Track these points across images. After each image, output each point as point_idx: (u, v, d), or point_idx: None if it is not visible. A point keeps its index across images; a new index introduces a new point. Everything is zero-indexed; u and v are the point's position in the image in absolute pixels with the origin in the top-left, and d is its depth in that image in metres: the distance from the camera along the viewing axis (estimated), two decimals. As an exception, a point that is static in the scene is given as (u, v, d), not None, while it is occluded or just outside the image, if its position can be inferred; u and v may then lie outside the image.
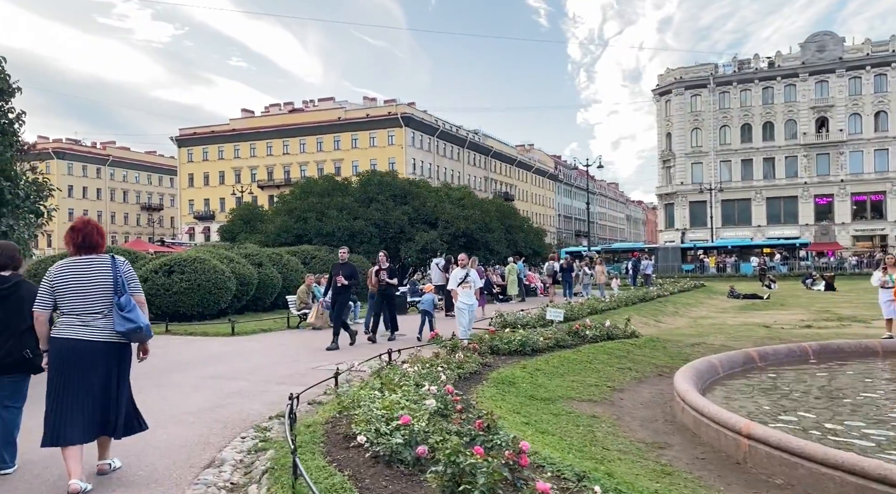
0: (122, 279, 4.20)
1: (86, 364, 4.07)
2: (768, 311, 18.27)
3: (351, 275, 11.66)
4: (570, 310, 13.67)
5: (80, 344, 4.07)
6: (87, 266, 4.19)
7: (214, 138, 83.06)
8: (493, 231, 24.56)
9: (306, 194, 25.21)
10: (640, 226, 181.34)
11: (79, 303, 4.12)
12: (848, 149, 67.50)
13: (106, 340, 4.13)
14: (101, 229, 4.40)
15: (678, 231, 73.62)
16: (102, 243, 4.37)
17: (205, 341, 12.65)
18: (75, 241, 4.25)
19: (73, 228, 4.29)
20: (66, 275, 4.15)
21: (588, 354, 8.73)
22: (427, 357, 7.25)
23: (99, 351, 4.11)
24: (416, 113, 78.07)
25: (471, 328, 10.65)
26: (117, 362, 4.22)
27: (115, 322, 4.11)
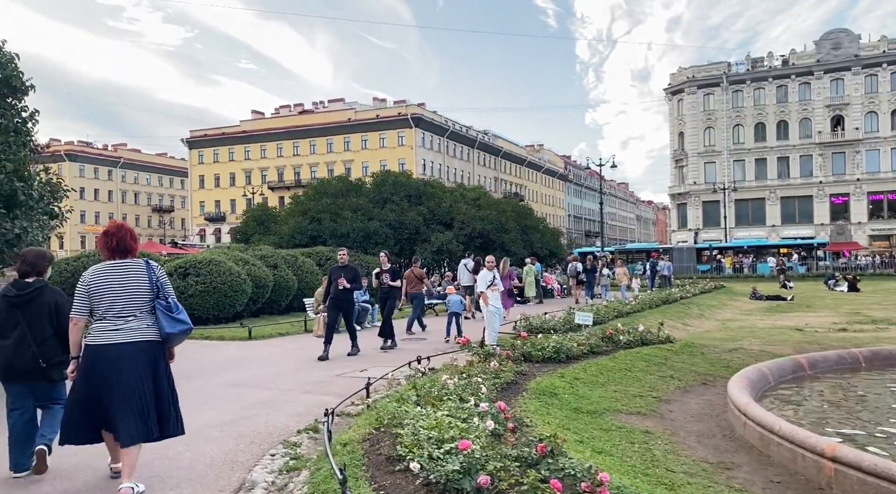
0: (158, 282, 4.26)
1: (116, 366, 4.08)
2: (795, 313, 17.76)
3: (353, 279, 10.89)
4: (597, 313, 13.23)
5: (112, 349, 4.10)
6: (123, 270, 4.23)
7: (225, 140, 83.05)
8: (509, 231, 24.15)
9: (320, 195, 24.89)
10: (650, 227, 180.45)
11: (113, 307, 4.14)
12: (864, 148, 66.61)
13: (136, 340, 4.15)
14: (133, 233, 4.43)
15: (691, 231, 72.91)
16: (135, 247, 4.39)
17: (221, 345, 12.32)
18: (109, 246, 4.29)
19: (107, 233, 4.33)
20: (102, 280, 4.18)
21: (625, 361, 8.31)
22: (461, 365, 6.85)
23: (130, 353, 4.12)
24: (426, 113, 77.75)
25: (497, 332, 10.27)
26: (152, 361, 4.21)
27: (165, 324, 4.17)
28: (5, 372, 4.53)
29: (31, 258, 4.65)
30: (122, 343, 4.09)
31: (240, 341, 12.93)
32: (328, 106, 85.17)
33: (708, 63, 75.37)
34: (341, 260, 11.15)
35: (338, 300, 10.64)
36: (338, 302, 10.66)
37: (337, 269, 10.95)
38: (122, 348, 4.09)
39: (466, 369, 6.65)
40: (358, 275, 11.55)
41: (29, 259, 4.64)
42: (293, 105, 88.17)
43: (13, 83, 9.19)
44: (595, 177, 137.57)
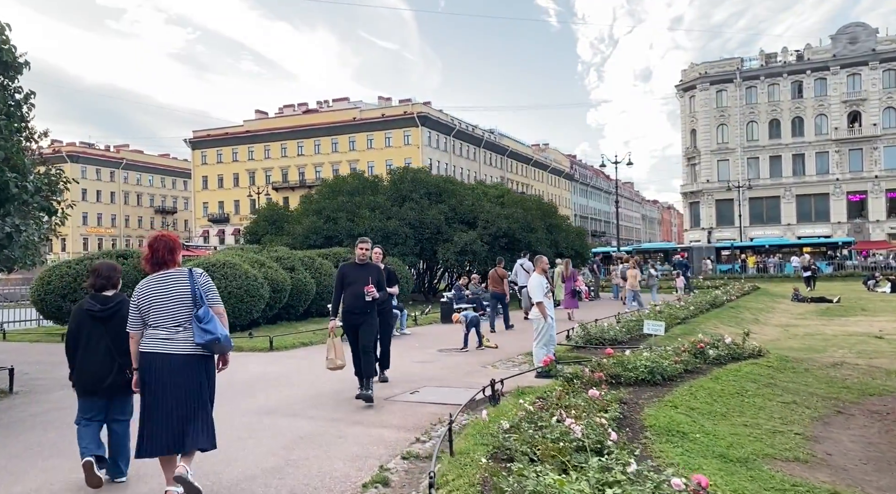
0: (199, 291, 4.26)
1: (168, 377, 4.17)
2: (856, 318, 16.40)
3: (386, 280, 7.89)
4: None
5: (163, 358, 4.18)
6: (166, 281, 4.28)
7: (228, 140, 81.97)
8: (535, 230, 22.79)
9: (335, 193, 23.54)
10: (655, 226, 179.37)
11: (161, 318, 4.22)
12: (882, 144, 65.19)
13: (187, 353, 4.21)
14: (170, 243, 4.39)
15: (704, 230, 71.57)
16: (172, 258, 4.37)
17: (241, 358, 11.00)
18: (149, 259, 4.36)
19: (149, 246, 4.38)
20: (147, 293, 4.27)
21: (731, 383, 6.99)
22: (534, 385, 5.50)
23: (180, 364, 4.19)
24: (432, 112, 76.57)
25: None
26: (200, 375, 4.28)
27: (195, 333, 4.19)
28: (94, 385, 4.66)
29: (105, 271, 4.80)
30: (174, 353, 4.19)
31: (260, 352, 11.60)
32: (332, 105, 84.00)
33: (720, 59, 73.96)
34: (361, 257, 7.35)
35: (362, 315, 7.22)
36: (362, 317, 7.21)
37: (354, 268, 7.41)
38: (176, 359, 4.18)
39: (562, 399, 5.33)
40: (393, 275, 9.51)
41: (104, 272, 4.79)
42: (297, 104, 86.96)
43: (3, 58, 7.90)
44: (601, 176, 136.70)
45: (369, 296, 7.10)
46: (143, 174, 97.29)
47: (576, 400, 5.18)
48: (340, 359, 7.36)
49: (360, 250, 7.47)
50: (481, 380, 8.59)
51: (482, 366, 9.89)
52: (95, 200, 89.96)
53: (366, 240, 7.65)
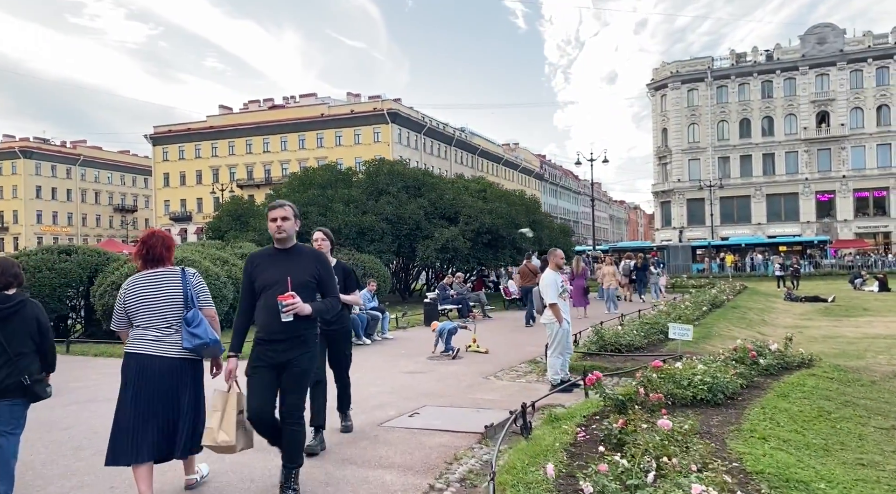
0: (191, 293, 4.04)
1: (155, 380, 3.92)
2: (865, 318, 15.46)
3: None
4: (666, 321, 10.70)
5: (150, 360, 3.94)
6: (156, 279, 4.05)
7: (191, 136, 79.42)
8: (520, 227, 21.52)
9: (305, 186, 21.91)
10: (622, 226, 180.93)
11: (149, 318, 4.00)
12: (850, 144, 65.75)
13: (177, 356, 3.98)
14: (167, 241, 4.18)
15: (676, 229, 71.47)
16: (169, 255, 4.15)
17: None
18: (142, 255, 4.12)
19: (141, 241, 4.16)
20: (136, 291, 4.04)
21: (803, 401, 5.72)
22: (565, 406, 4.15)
23: (169, 368, 3.95)
24: (403, 109, 75.18)
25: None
26: (189, 379, 4.03)
27: (183, 337, 3.97)
28: None
29: (7, 268, 4.24)
30: (161, 356, 3.95)
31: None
32: (300, 101, 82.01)
33: (691, 58, 73.99)
34: (277, 233, 4.20)
35: (286, 345, 4.09)
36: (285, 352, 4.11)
37: (272, 258, 4.36)
38: (163, 362, 3.94)
39: (625, 433, 3.99)
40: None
41: (8, 270, 4.25)
42: (263, 100, 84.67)
43: None
44: (570, 176, 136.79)
45: (287, 312, 3.85)
46: (101, 171, 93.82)
47: (648, 437, 3.84)
48: (227, 434, 3.99)
49: (273, 222, 4.09)
50: (488, 396, 7.24)
51: (483, 378, 8.54)
52: (51, 198, 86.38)
53: (283, 206, 4.15)
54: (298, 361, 4.06)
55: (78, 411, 6.90)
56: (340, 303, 4.13)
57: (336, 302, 4.18)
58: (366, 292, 13.20)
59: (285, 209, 4.12)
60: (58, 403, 7.06)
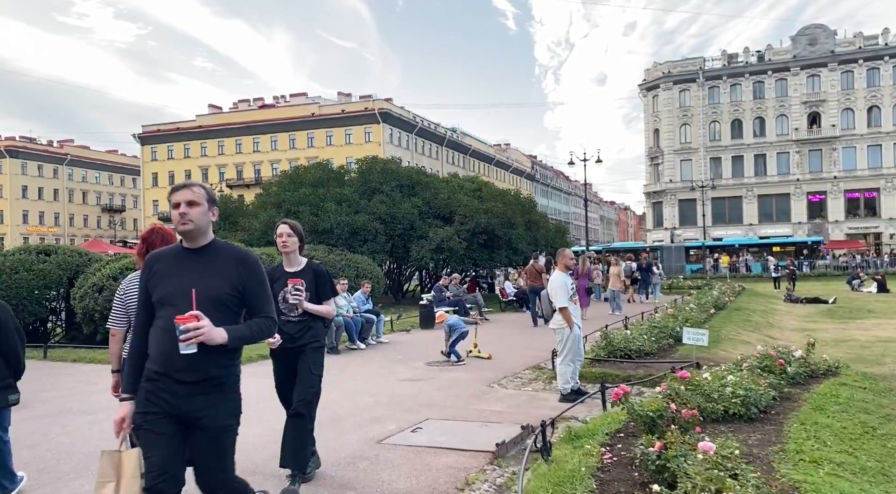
0: None
1: None
2: (873, 321, 15.02)
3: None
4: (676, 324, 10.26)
5: None
6: None
7: (180, 135, 78.52)
8: (516, 227, 21.03)
9: (296, 185, 21.32)
10: (612, 227, 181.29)
11: None
12: (841, 145, 65.74)
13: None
14: (167, 237, 3.92)
15: (667, 230, 71.26)
16: None
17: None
18: (142, 252, 3.84)
19: (142, 238, 3.97)
20: (136, 289, 3.54)
21: (842, 415, 5.23)
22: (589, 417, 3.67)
23: None
24: (394, 109, 74.65)
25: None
26: None
27: None
28: None
29: None
30: None
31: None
32: (290, 100, 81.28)
33: (683, 58, 73.87)
34: (180, 224, 2.86)
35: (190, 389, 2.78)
36: (189, 397, 2.75)
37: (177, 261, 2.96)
38: None
39: (664, 459, 3.50)
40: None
41: None
42: (253, 99, 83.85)
43: None
44: (561, 177, 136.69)
45: (186, 342, 2.63)
46: (88, 171, 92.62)
47: (693, 465, 3.34)
48: None
49: (176, 209, 2.88)
50: (494, 407, 6.74)
51: (486, 385, 8.04)
52: (37, 198, 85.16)
53: (189, 187, 2.96)
54: (211, 416, 2.73)
55: (48, 426, 6.35)
56: (275, 326, 2.92)
57: (269, 325, 2.88)
58: (360, 294, 12.70)
59: (193, 191, 2.89)
60: (27, 415, 6.50)
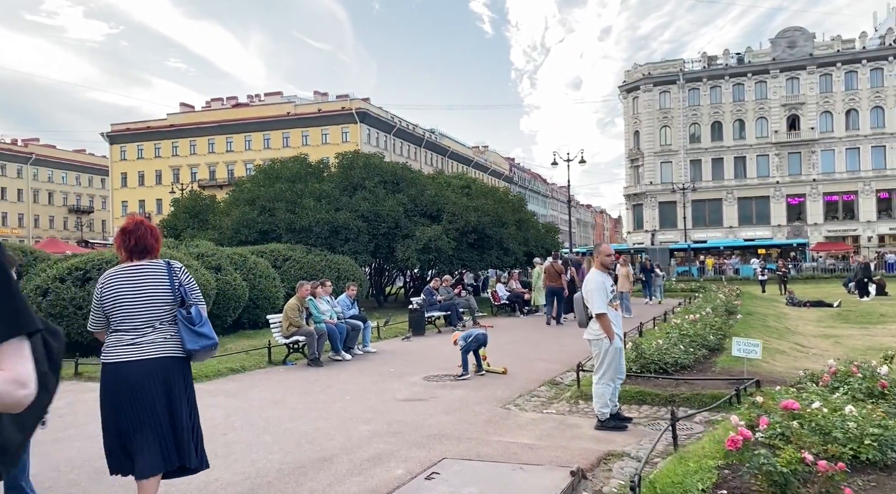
0: (183, 288, 3.61)
1: (137, 387, 3.43)
2: (886, 325, 14.12)
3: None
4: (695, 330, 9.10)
5: (128, 367, 3.46)
6: (138, 272, 3.58)
7: (150, 134, 76.29)
8: (506, 226, 19.81)
9: (272, 180, 19.84)
10: (589, 230, 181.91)
11: (127, 316, 3.51)
12: (819, 148, 65.78)
13: (157, 356, 3.50)
14: (155, 230, 3.77)
15: (648, 232, 70.81)
16: (157, 246, 3.73)
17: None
18: (127, 245, 3.64)
19: (125, 230, 3.70)
20: (114, 286, 3.55)
21: None
22: None
23: (150, 370, 3.46)
24: (372, 108, 73.32)
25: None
26: (178, 378, 3.54)
27: (186, 339, 3.54)
28: None
29: None
30: (137, 360, 3.46)
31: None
32: (265, 99, 79.45)
33: (663, 60, 73.61)
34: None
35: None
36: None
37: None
38: (139, 366, 3.44)
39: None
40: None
41: None
42: (226, 98, 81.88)
43: None
44: (539, 180, 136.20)
45: None
46: (55, 171, 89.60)
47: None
48: None
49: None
50: (521, 438, 5.46)
51: (501, 407, 6.77)
52: (0, 198, 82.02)
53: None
54: None
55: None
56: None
57: None
58: (344, 298, 11.35)
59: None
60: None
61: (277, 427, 6.00)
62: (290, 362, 10.04)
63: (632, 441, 5.30)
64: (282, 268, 16.01)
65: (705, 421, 5.93)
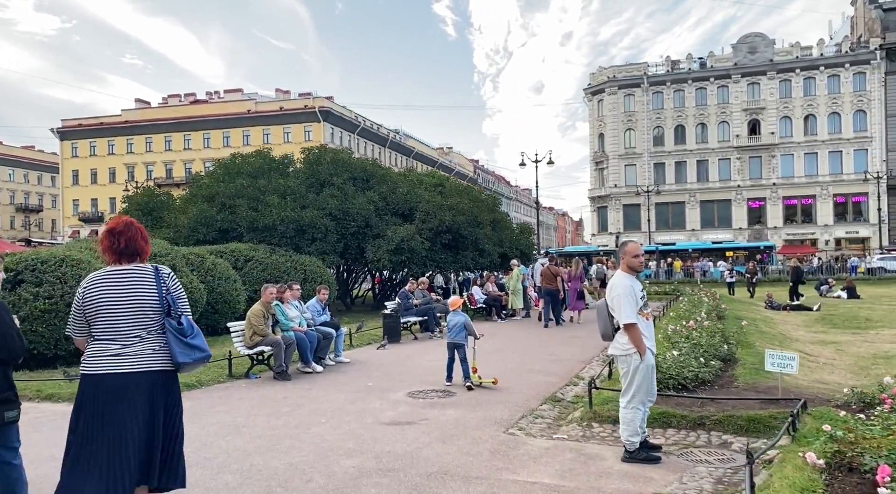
0: (171, 297, 3.31)
1: (117, 403, 3.12)
2: (889, 330, 13.64)
3: None
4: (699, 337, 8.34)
5: (110, 380, 3.15)
6: (125, 277, 3.30)
7: (104, 131, 73.57)
8: (482, 226, 18.93)
9: (233, 175, 18.59)
10: (551, 232, 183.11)
11: (111, 325, 3.23)
12: (779, 153, 66.81)
13: (143, 370, 3.21)
14: (144, 232, 3.55)
15: (612, 235, 70.99)
16: (147, 249, 3.46)
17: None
18: (116, 247, 3.37)
19: (113, 231, 3.42)
20: (98, 289, 3.27)
21: None
22: None
23: (134, 385, 3.16)
24: (336, 107, 71.93)
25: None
26: (162, 396, 3.26)
27: (177, 351, 3.26)
28: None
29: None
30: (122, 373, 3.15)
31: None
32: (224, 96, 77.42)
33: (627, 63, 73.97)
34: None
35: None
36: None
37: None
38: (123, 379, 3.15)
39: None
40: None
41: None
42: (184, 94, 79.40)
43: None
44: (502, 182, 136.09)
45: None
46: (1, 167, 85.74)
47: None
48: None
49: None
50: (540, 477, 4.54)
51: (504, 431, 5.84)
52: (-59, 196, 78.18)
53: None
54: None
55: None
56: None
57: None
58: (315, 302, 10.29)
59: None
60: None
61: (241, 462, 4.97)
62: (254, 375, 8.96)
63: (672, 479, 4.43)
64: (243, 270, 14.86)
65: (744, 450, 5.10)
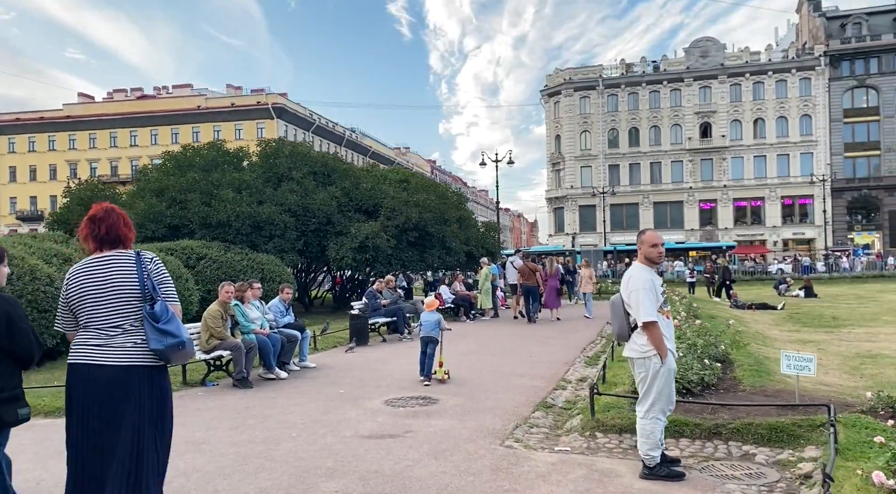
0: (150, 282, 3.13)
1: (102, 398, 2.96)
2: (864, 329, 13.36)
3: None
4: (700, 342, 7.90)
5: (94, 371, 3.00)
6: (105, 265, 3.12)
7: (44, 126, 70.47)
8: (449, 223, 18.29)
9: (183, 168, 17.49)
10: (507, 233, 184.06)
11: (96, 317, 3.08)
12: (730, 155, 68.23)
13: (127, 364, 3.02)
14: (126, 218, 3.35)
15: (568, 235, 71.44)
16: (131, 236, 3.27)
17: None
18: (97, 234, 3.17)
19: (93, 218, 3.21)
20: (79, 282, 3.11)
21: None
22: None
23: (118, 380, 2.98)
24: (290, 104, 70.41)
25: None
26: (147, 392, 3.04)
27: (150, 338, 3.06)
28: None
29: None
30: (104, 365, 2.99)
31: (45, 419, 6.09)
32: (173, 92, 74.98)
33: (583, 66, 74.55)
34: None
35: None
36: None
37: None
38: (107, 372, 2.98)
39: None
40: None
41: None
42: (130, 89, 76.64)
43: None
44: (459, 183, 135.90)
45: None
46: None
47: None
48: None
49: None
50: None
51: (502, 444, 5.21)
52: None
53: None
54: None
55: None
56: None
57: None
58: (277, 302, 9.49)
59: None
60: None
61: (203, 487, 4.22)
62: (211, 382, 8.13)
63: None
64: (196, 269, 13.88)
65: (772, 462, 4.60)
